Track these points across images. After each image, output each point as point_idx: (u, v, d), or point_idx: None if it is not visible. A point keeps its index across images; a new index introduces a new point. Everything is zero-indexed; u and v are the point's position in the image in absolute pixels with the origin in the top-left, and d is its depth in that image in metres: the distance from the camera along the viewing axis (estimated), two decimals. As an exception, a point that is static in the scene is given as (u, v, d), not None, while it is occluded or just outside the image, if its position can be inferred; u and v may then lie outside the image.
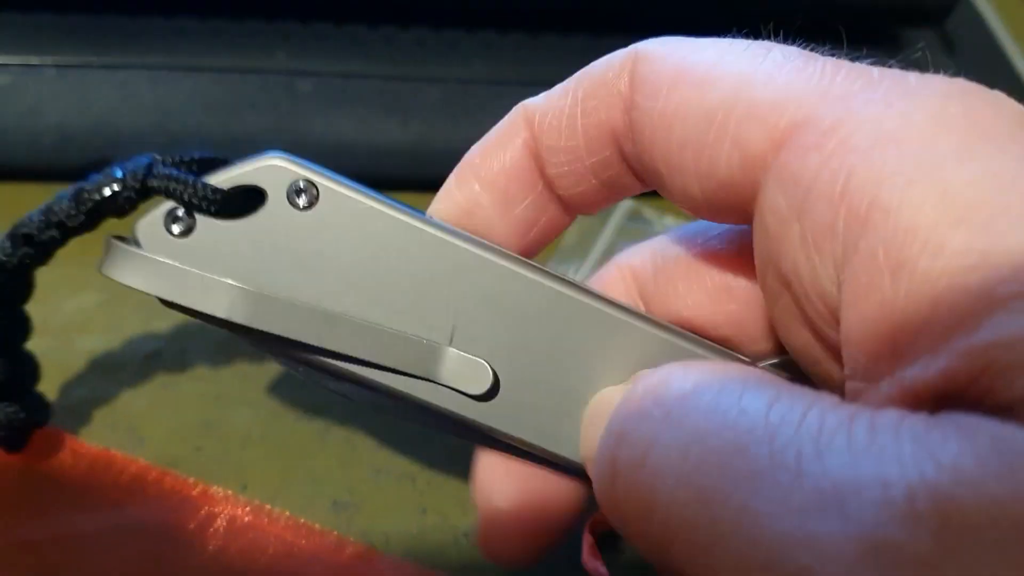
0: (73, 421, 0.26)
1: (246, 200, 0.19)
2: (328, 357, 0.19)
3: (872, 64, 0.17)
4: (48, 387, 0.27)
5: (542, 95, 0.20)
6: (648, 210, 0.35)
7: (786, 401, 0.13)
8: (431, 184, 0.35)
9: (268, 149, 0.19)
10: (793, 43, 0.22)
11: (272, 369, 0.28)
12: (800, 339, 0.17)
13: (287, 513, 0.25)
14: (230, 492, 0.25)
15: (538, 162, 0.20)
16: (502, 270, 0.19)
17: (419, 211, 0.19)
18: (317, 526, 0.25)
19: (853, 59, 0.18)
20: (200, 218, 0.19)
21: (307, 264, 0.18)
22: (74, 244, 0.31)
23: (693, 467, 0.13)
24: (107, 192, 0.20)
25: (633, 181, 0.20)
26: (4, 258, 0.22)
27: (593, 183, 0.19)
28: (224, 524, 0.24)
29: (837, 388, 0.16)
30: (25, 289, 0.23)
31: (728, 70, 0.18)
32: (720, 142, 0.17)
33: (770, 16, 0.39)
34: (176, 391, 0.27)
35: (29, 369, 0.25)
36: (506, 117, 0.20)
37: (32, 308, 0.29)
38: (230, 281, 0.18)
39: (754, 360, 0.20)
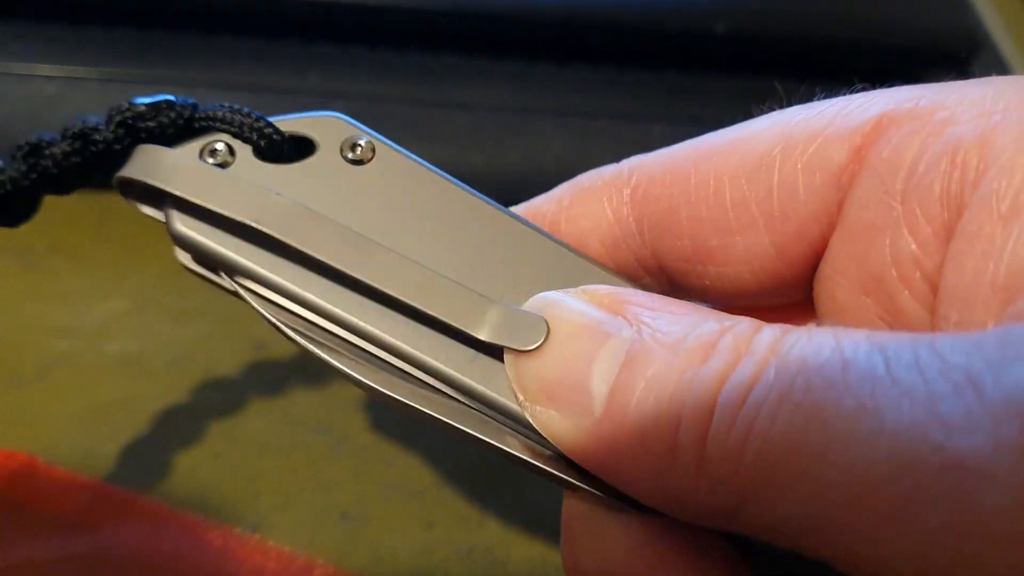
0: (98, 423, 0.27)
1: (294, 150, 0.18)
2: (354, 306, 0.17)
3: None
4: (75, 388, 0.28)
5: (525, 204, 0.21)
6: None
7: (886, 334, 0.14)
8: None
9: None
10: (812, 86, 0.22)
11: (292, 381, 0.29)
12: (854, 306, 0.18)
13: (256, 536, 0.25)
14: (200, 516, 0.26)
15: None
16: (548, 247, 0.18)
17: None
18: (286, 548, 0.25)
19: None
20: (240, 157, 0.18)
21: (348, 216, 0.17)
22: (104, 251, 0.32)
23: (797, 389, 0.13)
24: (147, 105, 0.18)
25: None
26: (13, 176, 0.18)
27: None
28: (194, 547, 0.25)
29: None
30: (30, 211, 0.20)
31: (762, 125, 0.19)
32: (792, 177, 0.18)
33: (791, 58, 0.40)
34: (198, 397, 0.28)
35: None
36: None
37: (62, 312, 0.30)
38: (269, 190, 0.17)
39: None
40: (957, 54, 0.41)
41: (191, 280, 0.32)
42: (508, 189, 0.36)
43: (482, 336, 0.16)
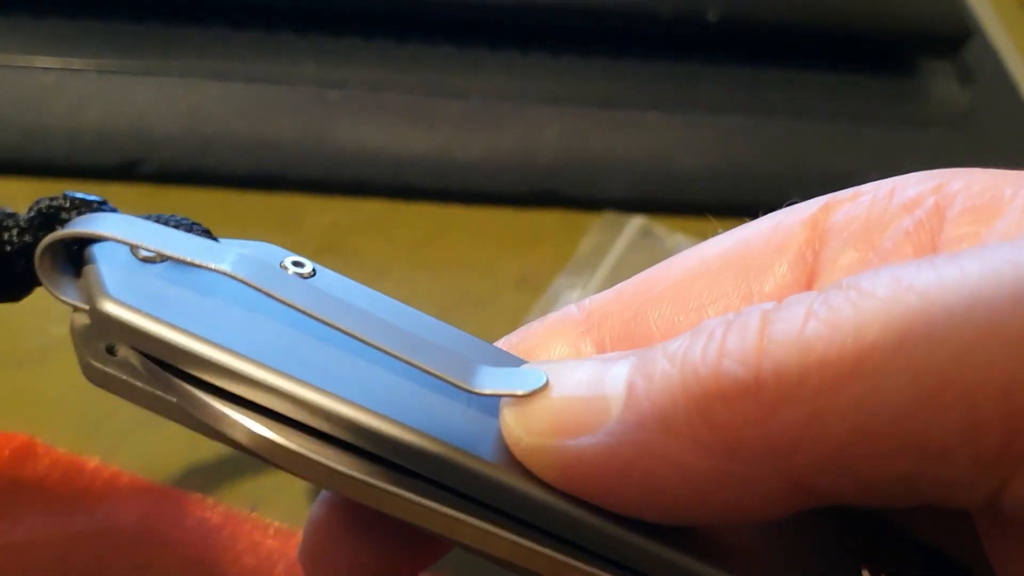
0: (98, 404, 0.27)
1: None
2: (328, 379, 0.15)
3: None
4: (74, 370, 0.28)
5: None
6: (659, 227, 0.36)
7: None
8: (451, 194, 0.37)
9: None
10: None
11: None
12: None
13: (254, 514, 0.26)
14: (198, 495, 0.26)
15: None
16: (491, 348, 0.18)
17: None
18: (284, 526, 0.25)
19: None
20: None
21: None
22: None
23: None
24: (79, 205, 0.16)
25: None
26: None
27: None
28: (194, 525, 0.25)
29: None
30: None
31: (695, 252, 0.19)
32: (760, 267, 0.18)
33: (783, 46, 0.40)
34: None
35: None
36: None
37: (59, 308, 0.30)
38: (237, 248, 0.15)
39: None
40: (948, 42, 0.41)
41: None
42: (503, 177, 0.37)
43: (480, 389, 0.15)
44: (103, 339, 0.15)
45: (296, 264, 0.17)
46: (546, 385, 0.15)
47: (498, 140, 0.36)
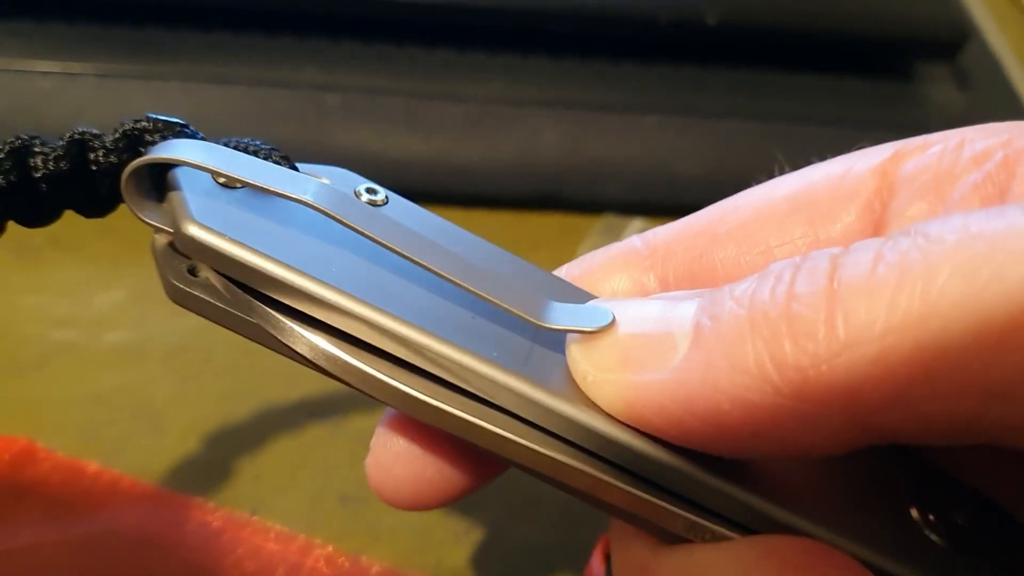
0: (98, 410, 0.28)
1: None
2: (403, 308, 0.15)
3: None
4: (75, 377, 0.28)
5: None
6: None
7: None
8: (451, 198, 0.36)
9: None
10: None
11: (289, 367, 0.29)
12: None
13: (255, 518, 0.26)
14: (199, 499, 0.26)
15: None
16: (558, 280, 0.18)
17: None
18: (285, 529, 0.26)
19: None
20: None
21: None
22: (103, 243, 0.32)
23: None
24: (159, 120, 0.16)
25: None
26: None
27: None
28: (195, 529, 0.25)
29: None
30: None
31: (772, 183, 0.19)
32: (829, 208, 0.18)
33: (781, 50, 0.40)
34: (197, 385, 0.29)
35: None
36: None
37: (61, 303, 0.30)
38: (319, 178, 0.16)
39: None
40: (945, 45, 0.41)
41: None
42: (502, 181, 0.37)
43: (549, 324, 0.16)
44: (185, 260, 0.16)
45: (370, 191, 0.17)
46: (613, 322, 0.15)
47: (497, 144, 0.36)
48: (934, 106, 0.41)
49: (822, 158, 0.38)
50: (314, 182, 0.15)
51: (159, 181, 0.16)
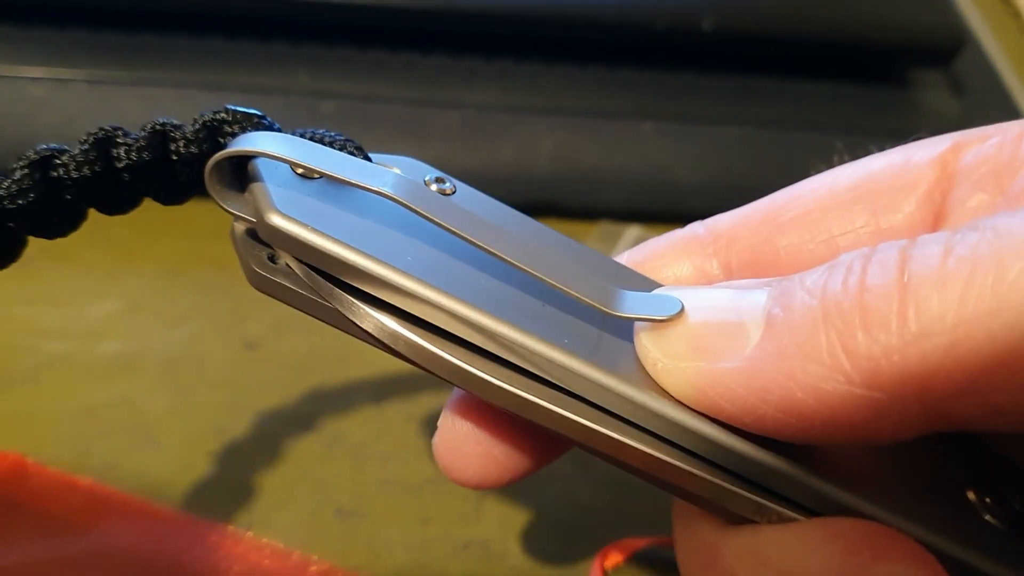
0: (91, 423, 0.27)
1: None
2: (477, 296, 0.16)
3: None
4: (68, 389, 0.28)
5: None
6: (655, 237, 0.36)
7: None
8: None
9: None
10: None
11: (285, 380, 0.29)
12: None
13: (250, 535, 0.25)
14: (194, 515, 0.26)
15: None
16: (627, 269, 0.19)
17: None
18: (281, 546, 0.25)
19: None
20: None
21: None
22: (96, 253, 0.32)
23: None
24: (238, 112, 0.17)
25: None
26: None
27: None
28: (189, 546, 0.25)
29: None
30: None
31: (833, 173, 0.19)
32: (889, 199, 0.18)
33: (777, 56, 0.40)
34: (192, 397, 0.28)
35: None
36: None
37: (54, 314, 0.30)
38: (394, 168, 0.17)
39: None
40: (941, 52, 0.41)
41: (182, 281, 0.32)
42: (499, 188, 0.36)
43: (616, 312, 0.16)
44: (265, 248, 0.17)
45: (439, 180, 0.18)
46: (682, 311, 0.16)
47: (493, 151, 0.36)
48: (929, 112, 0.41)
49: (818, 164, 0.38)
50: (390, 173, 0.16)
51: (239, 171, 0.17)
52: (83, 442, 0.27)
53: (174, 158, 0.17)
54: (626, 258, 0.20)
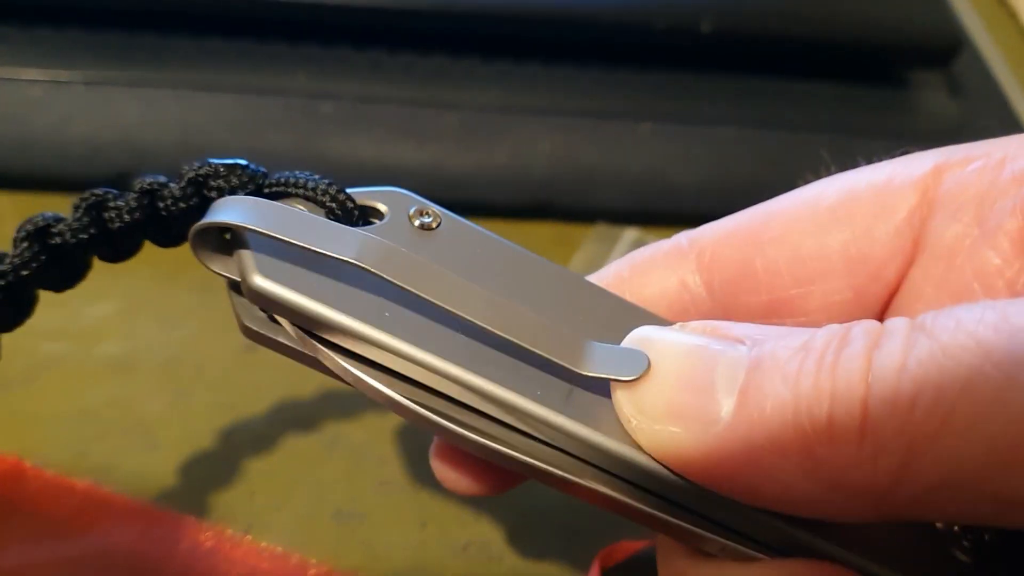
0: (88, 425, 0.27)
1: (363, 217, 0.19)
2: (449, 351, 0.17)
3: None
4: (65, 390, 0.28)
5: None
6: (653, 239, 0.36)
7: None
8: (443, 206, 0.36)
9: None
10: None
11: (283, 381, 0.29)
12: None
13: (249, 537, 0.25)
14: (192, 517, 0.25)
15: None
16: (615, 300, 0.19)
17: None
18: (279, 549, 0.25)
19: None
20: None
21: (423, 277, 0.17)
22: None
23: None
24: (220, 165, 0.18)
25: None
26: (73, 227, 0.18)
27: None
28: (187, 549, 0.25)
29: None
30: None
31: (820, 187, 0.20)
32: (866, 224, 0.19)
33: (775, 57, 0.40)
34: (190, 399, 0.28)
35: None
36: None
37: (51, 315, 0.30)
38: (364, 232, 0.17)
39: None
40: (939, 53, 0.41)
41: (180, 282, 0.32)
42: (496, 189, 0.36)
43: (584, 371, 0.17)
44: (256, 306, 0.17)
45: (422, 214, 0.18)
46: (648, 370, 0.16)
47: (491, 152, 0.36)
48: (927, 114, 0.41)
49: (815, 166, 0.39)
50: (359, 239, 0.17)
51: (225, 229, 0.17)
52: (80, 443, 0.27)
53: (163, 215, 0.18)
54: (614, 270, 0.20)
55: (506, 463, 0.17)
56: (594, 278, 0.20)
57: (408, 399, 0.17)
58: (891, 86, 0.41)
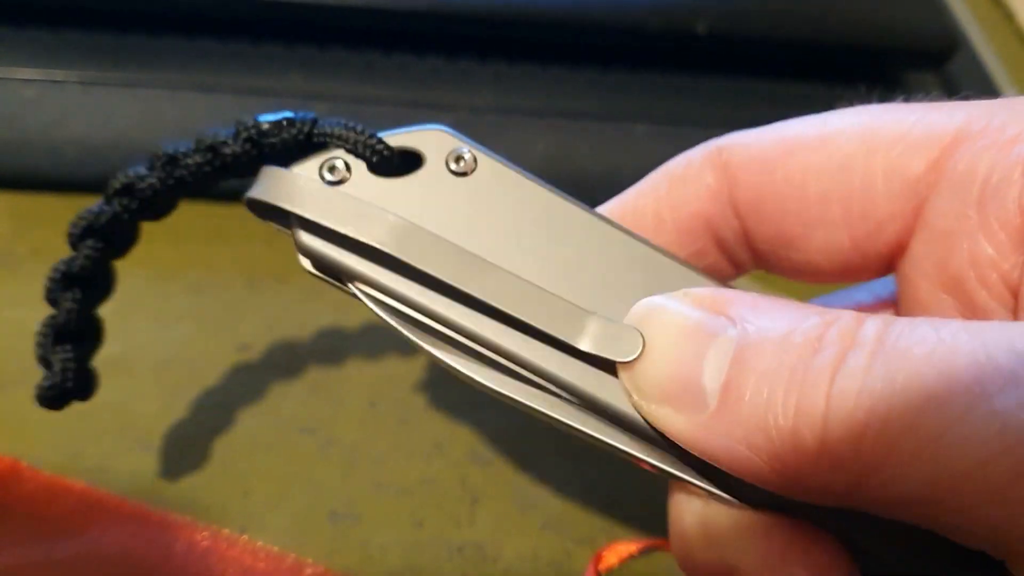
0: (83, 426, 0.27)
1: (403, 163, 0.19)
2: (466, 313, 0.18)
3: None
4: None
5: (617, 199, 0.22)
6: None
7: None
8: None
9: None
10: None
11: (278, 382, 0.29)
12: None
13: (245, 537, 0.25)
14: (187, 518, 0.25)
15: None
16: (644, 251, 0.19)
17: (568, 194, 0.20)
18: (275, 549, 0.25)
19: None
20: (356, 172, 0.19)
21: (457, 226, 0.19)
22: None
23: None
24: (271, 123, 0.20)
25: (728, 267, 0.22)
26: (142, 182, 0.21)
27: None
28: (182, 549, 0.25)
29: None
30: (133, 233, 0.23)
31: (846, 122, 0.20)
32: (872, 180, 0.19)
33: (770, 59, 0.40)
34: (185, 400, 0.28)
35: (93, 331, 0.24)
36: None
37: (46, 315, 0.30)
38: (386, 210, 0.18)
39: None
40: (934, 54, 0.41)
41: (174, 283, 0.32)
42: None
43: (583, 347, 0.18)
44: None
45: (458, 159, 0.19)
46: (642, 352, 0.17)
47: (486, 153, 0.36)
48: (922, 115, 0.41)
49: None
50: (385, 219, 0.18)
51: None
52: (75, 444, 0.27)
53: (229, 161, 0.20)
54: (651, 183, 0.22)
55: (503, 399, 0.18)
56: (633, 190, 0.22)
57: (444, 354, 0.18)
58: (886, 87, 0.41)
